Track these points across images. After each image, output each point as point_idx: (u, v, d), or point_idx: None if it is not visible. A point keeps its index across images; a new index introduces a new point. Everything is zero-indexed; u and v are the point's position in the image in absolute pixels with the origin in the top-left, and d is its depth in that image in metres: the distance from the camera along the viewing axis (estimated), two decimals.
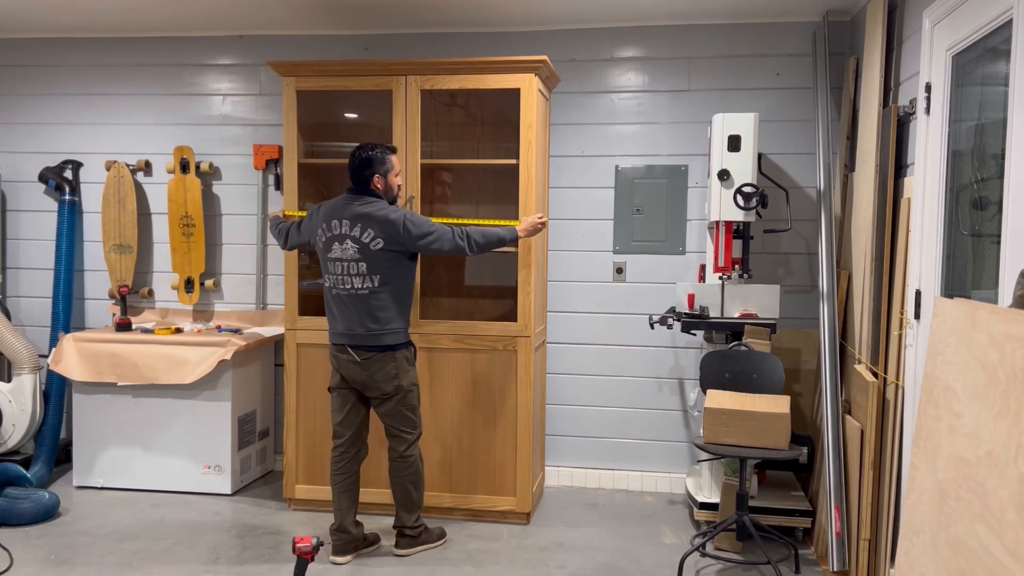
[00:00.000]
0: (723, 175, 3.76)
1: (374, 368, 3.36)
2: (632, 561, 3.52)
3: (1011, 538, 1.41)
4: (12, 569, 3.35)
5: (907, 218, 3.10)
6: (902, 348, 3.06)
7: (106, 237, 4.72)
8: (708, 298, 3.87)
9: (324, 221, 3.42)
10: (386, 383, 3.38)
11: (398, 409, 3.43)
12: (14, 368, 4.41)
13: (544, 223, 3.63)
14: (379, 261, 3.34)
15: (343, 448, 3.49)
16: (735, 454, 3.25)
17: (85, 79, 4.82)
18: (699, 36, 4.32)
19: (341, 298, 3.38)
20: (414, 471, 3.50)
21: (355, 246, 3.33)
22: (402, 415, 3.44)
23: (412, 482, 3.51)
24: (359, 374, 3.38)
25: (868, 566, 3.17)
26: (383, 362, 3.36)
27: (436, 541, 3.64)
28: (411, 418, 3.47)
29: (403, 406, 3.43)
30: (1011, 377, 1.50)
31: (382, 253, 3.33)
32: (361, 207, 3.35)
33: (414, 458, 3.50)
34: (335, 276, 3.38)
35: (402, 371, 3.41)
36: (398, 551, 3.56)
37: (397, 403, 3.42)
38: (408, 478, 3.50)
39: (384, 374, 3.37)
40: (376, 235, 3.32)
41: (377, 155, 3.38)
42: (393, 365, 3.38)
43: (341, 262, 3.36)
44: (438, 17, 4.28)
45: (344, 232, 3.36)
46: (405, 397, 3.43)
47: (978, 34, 2.59)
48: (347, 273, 3.35)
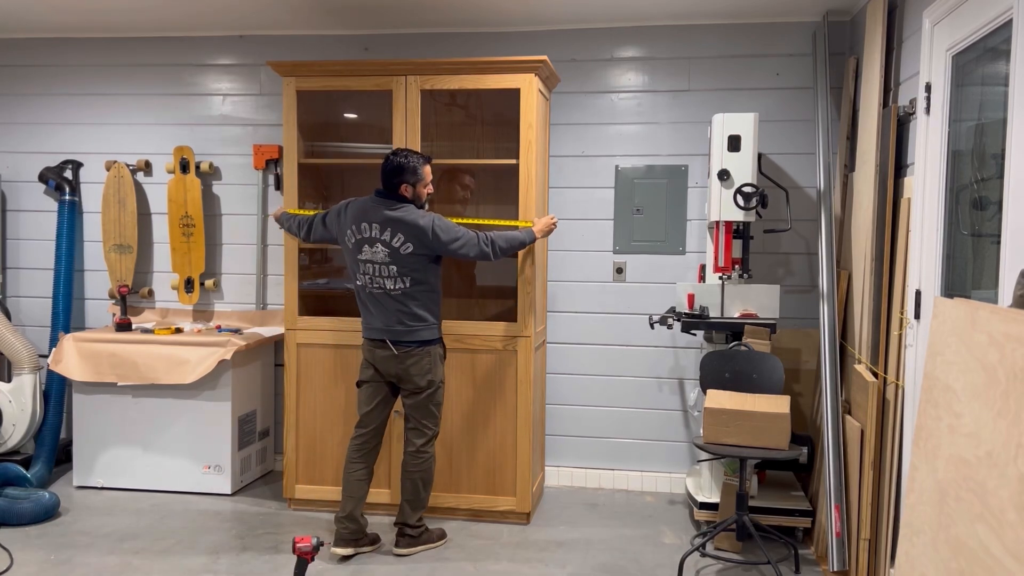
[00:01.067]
0: (723, 175, 3.76)
1: (410, 362, 3.45)
2: (632, 561, 3.52)
3: (1011, 538, 1.41)
4: (12, 569, 3.35)
5: (907, 218, 3.10)
6: (902, 348, 3.06)
7: (106, 237, 4.72)
8: (708, 298, 3.87)
9: (353, 223, 3.47)
10: (420, 377, 3.47)
11: (426, 403, 3.51)
12: (14, 368, 4.41)
13: (555, 223, 3.76)
14: (409, 264, 3.42)
15: (366, 437, 3.56)
16: (735, 454, 3.25)
17: (85, 79, 4.82)
18: (699, 36, 4.32)
19: (376, 296, 3.47)
20: (427, 468, 3.56)
21: (385, 250, 3.41)
22: (427, 410, 3.52)
23: (423, 479, 3.56)
24: (396, 367, 3.47)
25: (868, 566, 3.17)
26: (419, 356, 3.46)
27: (436, 542, 3.66)
28: (435, 414, 3.55)
29: (431, 401, 3.52)
30: (1011, 377, 1.50)
31: (411, 257, 3.41)
32: (391, 212, 3.41)
33: (429, 456, 3.56)
34: (367, 276, 3.47)
35: (435, 367, 3.51)
36: (398, 550, 3.56)
37: (427, 397, 3.50)
38: (420, 475, 3.55)
39: (419, 368, 3.46)
40: (406, 240, 3.40)
41: (410, 164, 3.43)
42: (428, 360, 3.48)
43: (372, 264, 3.44)
44: (438, 17, 4.28)
45: (374, 236, 3.42)
46: (435, 392, 3.52)
47: (978, 34, 2.59)
48: (379, 275, 3.44)
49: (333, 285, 4.41)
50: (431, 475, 3.59)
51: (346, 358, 3.98)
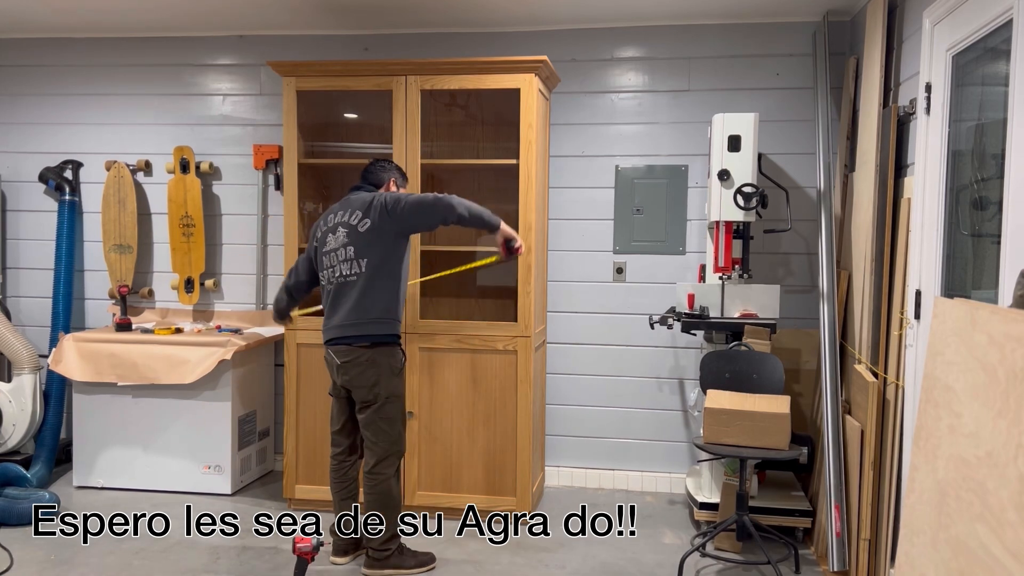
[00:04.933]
0: (723, 175, 3.76)
1: (355, 372, 3.22)
2: (632, 561, 3.52)
3: (1011, 538, 1.41)
4: (12, 569, 3.35)
5: (907, 218, 3.10)
6: (902, 348, 3.06)
7: (106, 237, 4.72)
8: (708, 298, 3.87)
9: (322, 218, 3.40)
10: (365, 389, 3.22)
11: (373, 418, 3.24)
12: (14, 368, 4.41)
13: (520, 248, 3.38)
14: (366, 241, 3.20)
15: (341, 458, 3.41)
16: (735, 454, 3.25)
17: (85, 79, 4.82)
18: (699, 36, 4.32)
19: (330, 292, 3.29)
20: (383, 492, 3.25)
21: (344, 231, 3.24)
22: (376, 426, 3.24)
23: (380, 504, 3.24)
24: (342, 376, 3.25)
25: (868, 566, 3.17)
26: (363, 367, 3.21)
27: (412, 569, 3.32)
28: (385, 431, 3.25)
29: (379, 416, 3.24)
30: (1011, 377, 1.50)
31: (369, 233, 3.20)
32: (356, 195, 3.34)
33: (384, 477, 3.25)
34: (327, 270, 3.29)
35: (382, 379, 3.22)
36: (364, 569, 3.33)
37: (374, 412, 3.24)
38: (376, 498, 3.25)
39: (364, 379, 3.21)
40: (364, 215, 3.23)
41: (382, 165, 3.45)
42: (374, 372, 3.21)
43: (332, 252, 3.26)
44: (438, 17, 4.28)
45: (338, 221, 3.28)
46: (383, 407, 3.23)
47: (978, 34, 2.59)
48: (337, 262, 3.25)
49: None
50: (390, 499, 3.26)
51: None
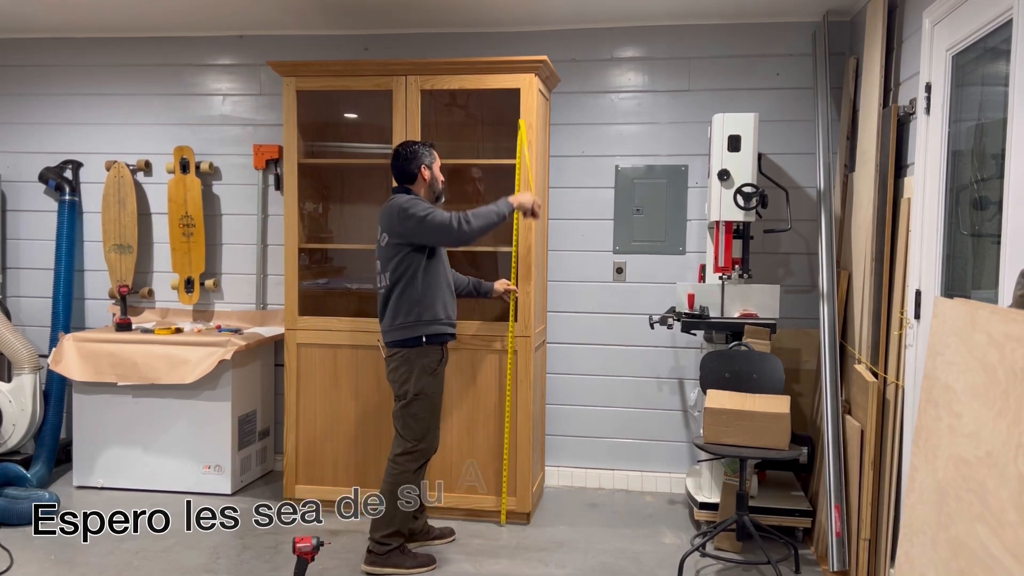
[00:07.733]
0: (723, 175, 3.76)
1: (390, 367, 3.37)
2: (632, 561, 3.52)
3: (1011, 538, 1.41)
4: (12, 569, 3.35)
5: (907, 218, 3.10)
6: (902, 348, 3.06)
7: (106, 237, 4.72)
8: (708, 298, 3.87)
9: None
10: (396, 384, 3.35)
11: (401, 413, 3.35)
12: (14, 368, 4.41)
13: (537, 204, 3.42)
14: (387, 256, 3.29)
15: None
16: (735, 454, 3.25)
17: (85, 79, 4.82)
18: (699, 36, 4.32)
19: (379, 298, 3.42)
20: (394, 479, 3.31)
21: (377, 247, 3.37)
22: (403, 420, 3.35)
23: (388, 490, 3.31)
24: (385, 374, 3.42)
25: (868, 566, 3.17)
26: (397, 363, 3.33)
27: (411, 568, 3.34)
28: (411, 426, 3.34)
29: (406, 412, 3.34)
30: (1011, 377, 1.50)
31: (389, 248, 3.28)
32: (388, 203, 3.33)
33: (402, 470, 3.33)
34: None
35: (412, 376, 3.31)
36: (364, 566, 3.36)
37: (402, 407, 3.35)
38: (387, 484, 3.32)
39: (396, 375, 3.34)
40: (383, 230, 3.31)
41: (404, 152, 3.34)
42: (405, 369, 3.31)
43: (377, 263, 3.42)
44: (438, 17, 4.28)
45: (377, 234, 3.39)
46: (411, 403, 3.32)
47: (978, 34, 2.59)
48: (376, 273, 3.40)
49: (333, 285, 4.41)
50: (398, 490, 3.30)
51: (346, 358, 3.98)
